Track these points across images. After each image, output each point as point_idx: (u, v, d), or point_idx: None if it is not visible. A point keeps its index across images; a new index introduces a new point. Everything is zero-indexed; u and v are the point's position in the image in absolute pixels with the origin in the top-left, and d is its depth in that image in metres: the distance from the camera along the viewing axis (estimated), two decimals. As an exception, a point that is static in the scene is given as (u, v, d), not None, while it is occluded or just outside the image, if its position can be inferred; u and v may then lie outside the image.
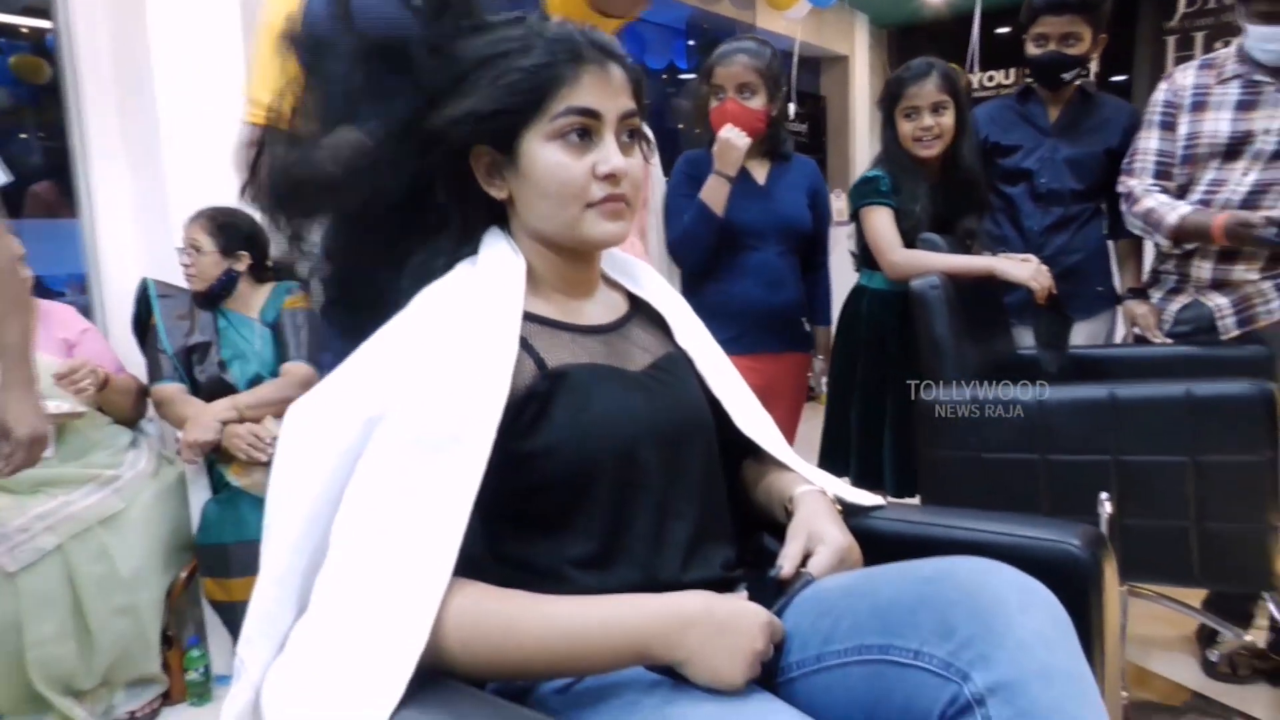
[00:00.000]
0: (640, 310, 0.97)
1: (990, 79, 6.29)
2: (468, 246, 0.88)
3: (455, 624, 0.70)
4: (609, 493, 0.81)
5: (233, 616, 2.02)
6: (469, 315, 0.81)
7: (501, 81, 0.81)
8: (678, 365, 0.93)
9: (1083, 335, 2.17)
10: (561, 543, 0.81)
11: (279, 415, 2.05)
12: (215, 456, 2.06)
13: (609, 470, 0.81)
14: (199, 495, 2.09)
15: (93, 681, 1.87)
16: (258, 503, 2.01)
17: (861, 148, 6.39)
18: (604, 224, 0.84)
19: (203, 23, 2.49)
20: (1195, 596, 1.99)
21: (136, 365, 2.22)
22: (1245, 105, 1.79)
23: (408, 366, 0.78)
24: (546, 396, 0.81)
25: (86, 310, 2.53)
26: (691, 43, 5.13)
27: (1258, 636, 1.92)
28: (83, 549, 1.85)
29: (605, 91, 0.82)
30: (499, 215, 0.90)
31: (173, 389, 2.10)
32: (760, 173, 2.09)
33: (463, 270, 0.86)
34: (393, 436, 0.74)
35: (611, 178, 0.82)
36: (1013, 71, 6.31)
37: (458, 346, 0.79)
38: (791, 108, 5.07)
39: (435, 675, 0.69)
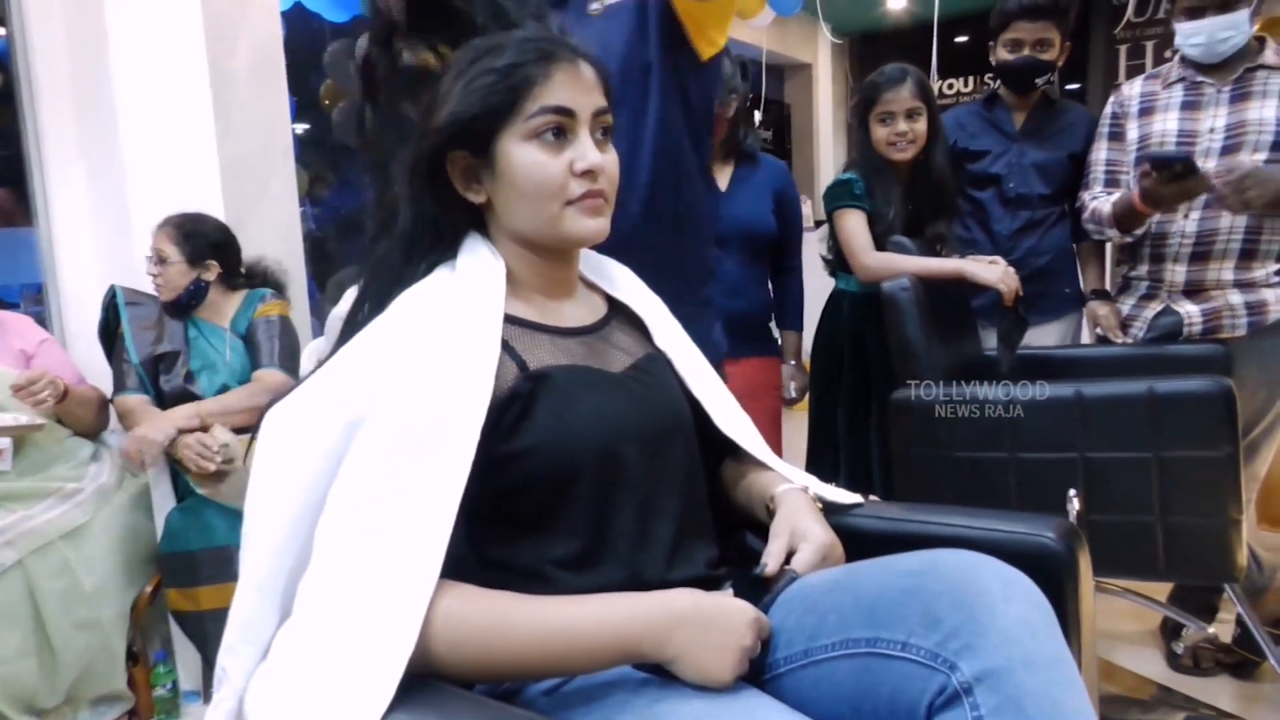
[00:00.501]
0: (618, 312, 0.97)
1: (950, 86, 6.40)
2: (447, 252, 0.87)
3: (443, 625, 0.69)
4: (591, 492, 0.81)
5: (200, 628, 1.98)
6: (450, 318, 0.81)
7: (474, 85, 0.81)
8: (657, 366, 0.94)
9: (1052, 336, 2.22)
10: (545, 543, 0.81)
11: (243, 425, 2.04)
12: (178, 465, 2.03)
13: (591, 470, 0.81)
14: (164, 506, 2.04)
15: (56, 699, 1.82)
16: (222, 510, 1.97)
17: (826, 153, 6.47)
18: (584, 220, 0.84)
19: (163, 25, 2.45)
20: (1160, 591, 2.03)
21: (96, 376, 2.18)
22: (1190, 106, 1.85)
23: (389, 369, 0.77)
24: (529, 398, 0.81)
25: (42, 320, 2.48)
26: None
27: (1221, 630, 1.97)
28: (44, 564, 1.80)
29: (578, 89, 0.83)
30: (476, 219, 0.89)
31: (135, 400, 2.05)
32: (723, 177, 2.10)
33: (441, 274, 0.86)
34: (376, 438, 0.74)
35: (589, 174, 0.83)
36: (972, 79, 6.44)
37: (439, 348, 0.78)
38: (757, 115, 5.13)
39: (424, 678, 0.69)
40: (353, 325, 0.85)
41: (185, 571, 1.96)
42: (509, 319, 0.84)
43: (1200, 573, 1.63)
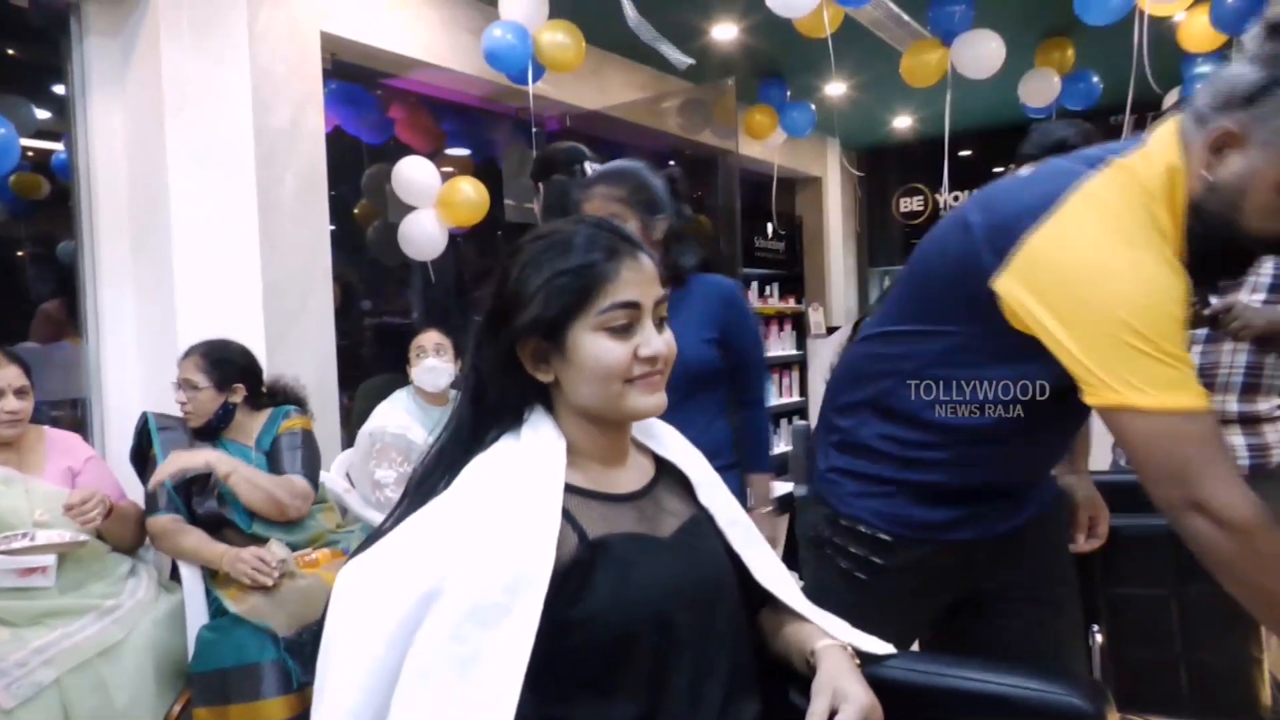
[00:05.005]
0: (665, 471, 1.04)
1: (955, 198, 6.62)
2: (513, 424, 0.95)
3: None
4: (648, 656, 0.86)
5: (229, 750, 1.98)
6: (515, 489, 0.88)
7: (553, 286, 0.90)
8: (702, 527, 1.00)
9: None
10: (603, 704, 0.86)
11: (265, 510, 2.08)
12: (213, 583, 2.07)
13: (648, 635, 0.86)
14: (195, 623, 2.08)
15: (83, 820, 1.82)
16: (254, 628, 2.00)
17: (836, 262, 6.64)
18: (645, 398, 0.92)
19: (219, 151, 2.60)
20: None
21: (135, 491, 2.24)
22: None
23: (460, 539, 0.84)
24: (589, 566, 0.87)
25: (83, 433, 2.55)
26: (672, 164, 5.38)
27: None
28: (79, 682, 1.83)
29: (642, 283, 0.91)
30: (541, 393, 0.97)
31: (167, 520, 2.10)
32: None
33: (506, 444, 0.94)
34: (449, 611, 0.80)
35: (652, 359, 0.91)
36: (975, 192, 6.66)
37: (505, 520, 0.85)
38: (770, 227, 5.32)
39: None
40: (426, 489, 0.92)
41: (216, 691, 1.97)
42: (568, 488, 0.91)
43: (1225, 709, 1.64)
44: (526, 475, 0.89)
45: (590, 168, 2.00)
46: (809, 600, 1.04)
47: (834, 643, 0.96)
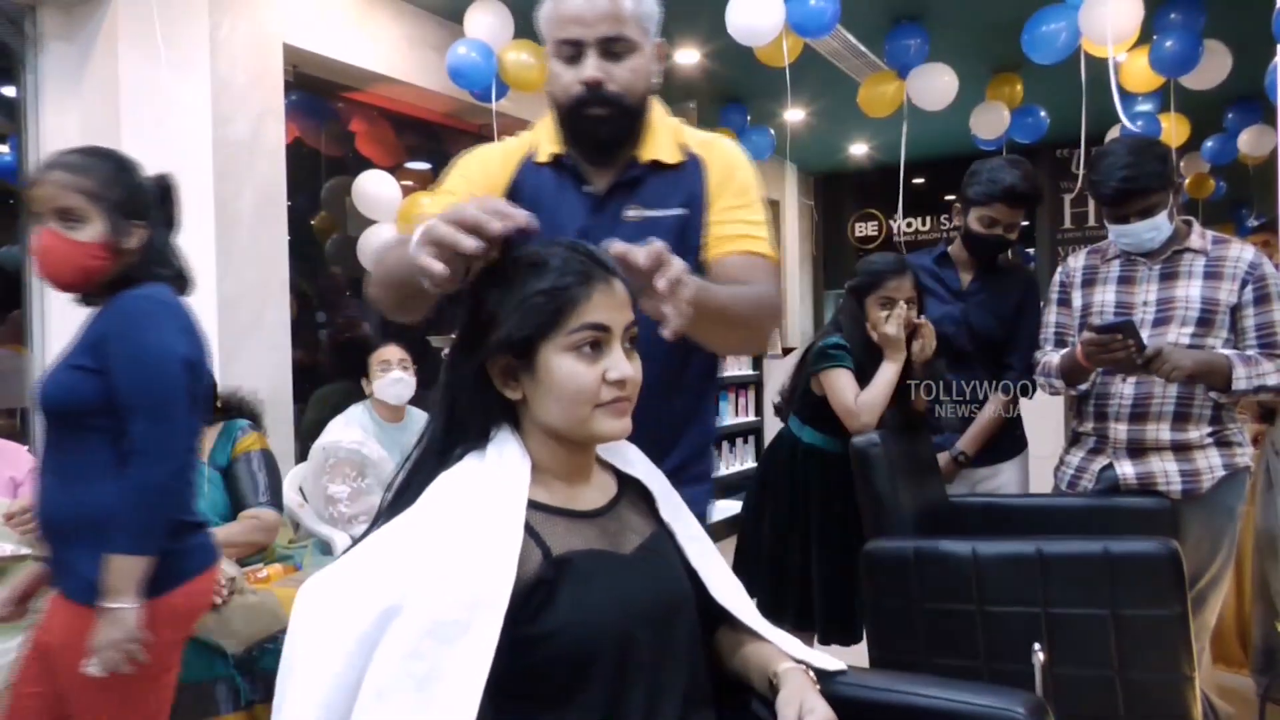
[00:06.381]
0: (627, 487, 1.06)
1: (909, 225, 6.78)
2: (479, 440, 0.97)
3: None
4: (606, 673, 0.88)
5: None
6: (477, 507, 0.89)
7: (527, 306, 0.92)
8: (662, 544, 1.02)
9: (1006, 473, 2.37)
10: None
11: (237, 558, 2.05)
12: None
13: (608, 651, 0.88)
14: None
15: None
16: (204, 645, 1.96)
17: (793, 283, 6.75)
18: (611, 421, 0.94)
19: (175, 162, 2.55)
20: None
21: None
22: (1126, 280, 2.05)
23: (421, 556, 0.85)
24: (553, 583, 0.89)
25: (25, 443, 2.49)
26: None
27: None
28: (18, 701, 1.78)
29: (613, 306, 0.94)
30: (508, 410, 0.99)
31: None
32: None
33: (470, 463, 0.95)
34: (408, 628, 0.81)
35: (620, 383, 0.93)
36: (929, 219, 6.84)
37: (466, 537, 0.86)
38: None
39: None
40: (403, 504, 0.93)
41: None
42: (532, 504, 0.93)
43: (1159, 726, 1.70)
44: (490, 493, 0.91)
45: None
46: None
47: (795, 665, 0.99)
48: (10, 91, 2.72)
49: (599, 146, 1.30)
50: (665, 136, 1.33)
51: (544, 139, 1.35)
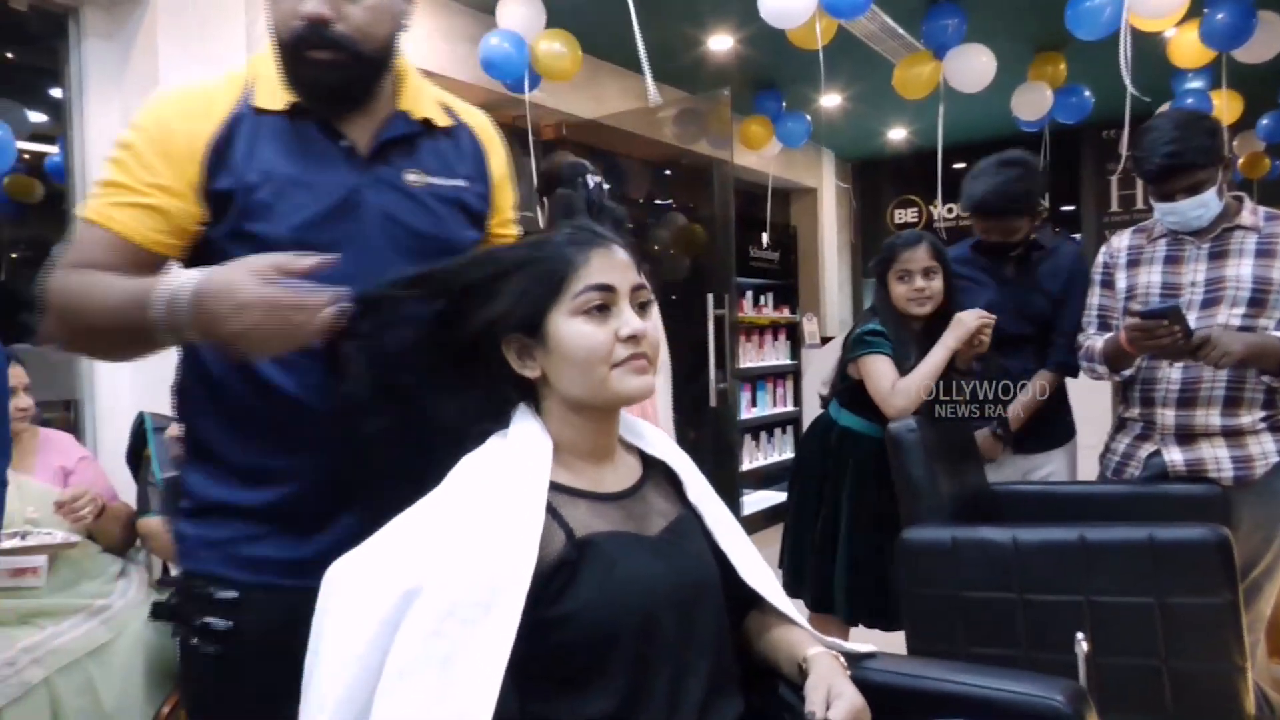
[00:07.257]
0: (653, 469, 1.05)
1: (950, 210, 6.66)
2: (501, 422, 0.97)
3: None
4: (629, 655, 0.88)
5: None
6: (499, 488, 0.89)
7: (527, 276, 0.93)
8: (688, 526, 1.01)
9: (1054, 462, 2.32)
10: (582, 701, 0.87)
11: None
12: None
13: (631, 633, 0.88)
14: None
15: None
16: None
17: (831, 272, 6.67)
18: (631, 379, 0.93)
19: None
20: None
21: (126, 492, 2.24)
22: (1172, 260, 1.98)
23: (443, 538, 0.85)
24: (575, 564, 0.88)
25: (76, 434, 2.55)
26: (668, 173, 5.42)
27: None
28: (68, 682, 1.83)
29: (615, 268, 0.94)
30: (528, 392, 0.99)
31: (158, 521, 2.10)
32: None
33: (494, 444, 0.95)
34: (430, 609, 0.81)
35: (633, 339, 0.93)
36: (970, 204, 6.70)
37: (488, 518, 0.86)
38: (765, 237, 5.34)
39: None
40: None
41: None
42: (555, 486, 0.92)
43: (1208, 718, 1.65)
44: (511, 474, 0.90)
45: (591, 180, 2.04)
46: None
47: (825, 651, 0.98)
48: (56, 93, 2.78)
49: (325, 98, 1.06)
50: (425, 93, 1.17)
51: (268, 80, 1.07)
